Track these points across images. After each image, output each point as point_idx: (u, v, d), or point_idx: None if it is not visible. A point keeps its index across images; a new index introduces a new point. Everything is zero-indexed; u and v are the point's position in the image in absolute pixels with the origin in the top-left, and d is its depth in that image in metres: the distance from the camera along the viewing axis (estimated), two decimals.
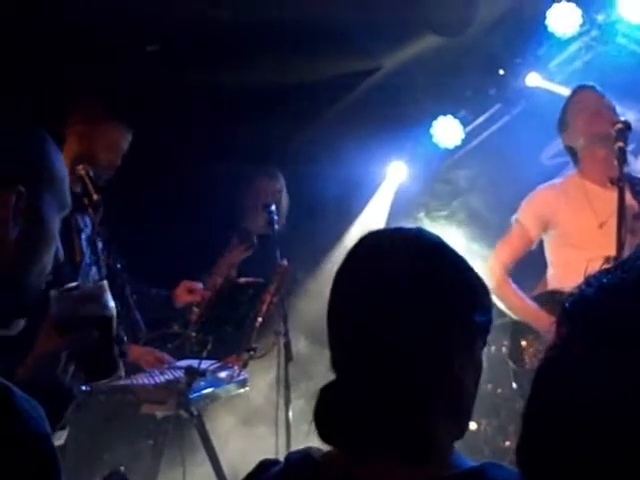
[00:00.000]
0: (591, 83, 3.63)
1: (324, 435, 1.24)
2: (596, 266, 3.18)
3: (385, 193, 5.38)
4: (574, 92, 3.57)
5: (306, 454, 1.27)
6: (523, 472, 0.67)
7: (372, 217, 5.21)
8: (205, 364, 3.43)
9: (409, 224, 1.39)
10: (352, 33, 4.56)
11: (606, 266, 0.69)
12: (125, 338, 3.08)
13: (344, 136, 4.94)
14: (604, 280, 0.66)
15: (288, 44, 4.64)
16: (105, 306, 1.54)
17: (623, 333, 0.62)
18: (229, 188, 4.61)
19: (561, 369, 0.65)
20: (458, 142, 5.32)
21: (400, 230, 1.34)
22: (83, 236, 3.35)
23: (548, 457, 0.64)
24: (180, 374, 3.35)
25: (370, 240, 1.32)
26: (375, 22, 4.55)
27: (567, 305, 0.67)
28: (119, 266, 3.25)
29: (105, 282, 1.59)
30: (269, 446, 3.71)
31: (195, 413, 3.34)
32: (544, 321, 3.27)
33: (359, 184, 5.23)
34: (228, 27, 4.42)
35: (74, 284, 1.59)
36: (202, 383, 3.41)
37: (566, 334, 0.66)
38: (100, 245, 3.30)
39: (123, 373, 2.64)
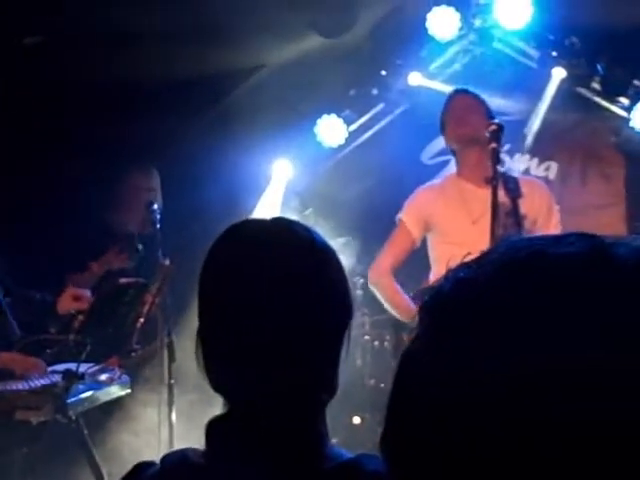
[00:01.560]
0: (465, 87, 3.72)
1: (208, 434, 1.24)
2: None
3: (273, 192, 5.39)
4: (449, 96, 3.66)
5: (182, 455, 1.26)
6: (388, 463, 0.67)
7: (262, 216, 5.20)
8: (84, 367, 3.34)
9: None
10: (235, 30, 4.54)
11: (465, 260, 0.70)
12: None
13: (228, 134, 4.92)
14: (461, 274, 0.67)
15: (170, 40, 4.58)
16: None
17: (476, 328, 0.62)
18: (107, 187, 4.51)
19: (418, 361, 0.65)
20: (342, 141, 5.38)
21: (265, 221, 1.34)
22: None
23: (410, 447, 0.64)
24: (57, 378, 3.24)
25: (238, 231, 1.32)
26: (258, 20, 4.55)
27: (426, 299, 0.67)
28: None
29: None
30: (152, 448, 3.66)
31: (73, 417, 3.25)
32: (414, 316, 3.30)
33: (245, 183, 5.21)
34: (110, 23, 4.32)
35: None
36: (81, 386, 3.32)
37: (424, 328, 0.66)
38: None
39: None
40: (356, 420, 4.19)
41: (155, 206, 4.12)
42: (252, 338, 1.21)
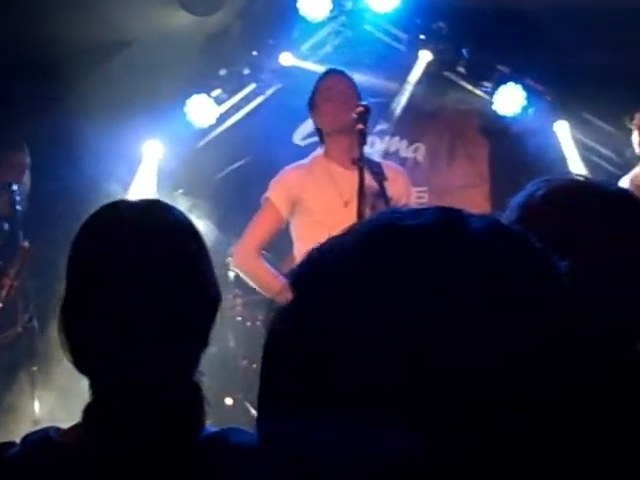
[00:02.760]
0: (341, 68, 3.72)
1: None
2: None
3: (144, 172, 5.27)
4: (324, 75, 3.63)
5: (43, 434, 1.24)
6: (261, 434, 0.67)
7: (133, 196, 5.07)
8: None
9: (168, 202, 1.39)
10: (100, 3, 4.39)
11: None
12: None
13: (95, 112, 4.75)
14: (324, 248, 0.68)
15: (33, 12, 4.38)
16: None
17: (340, 292, 0.63)
18: None
19: (288, 329, 0.66)
20: (212, 121, 5.32)
21: (138, 203, 1.34)
22: None
23: (281, 412, 0.65)
24: None
25: (109, 213, 1.32)
26: None
27: (296, 268, 0.68)
28: None
29: None
30: (17, 435, 3.51)
31: None
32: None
33: (114, 163, 5.06)
34: None
35: None
36: None
37: (294, 297, 0.67)
38: None
39: None
40: (228, 401, 4.18)
41: (15, 187, 3.93)
42: (118, 319, 1.21)
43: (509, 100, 5.25)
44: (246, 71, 5.41)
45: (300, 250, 3.53)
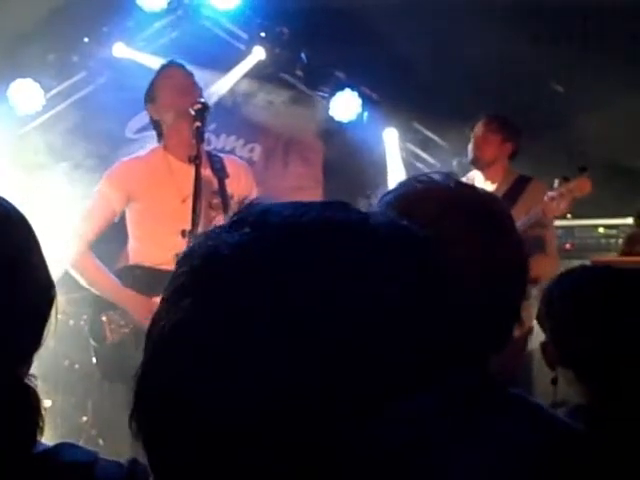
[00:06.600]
0: (181, 61, 3.63)
1: None
2: (177, 240, 3.07)
3: None
4: (165, 66, 3.52)
5: None
6: (142, 442, 0.64)
7: None
8: None
9: None
10: None
11: (219, 225, 0.67)
12: None
13: None
14: (227, 239, 0.65)
15: None
16: None
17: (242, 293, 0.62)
18: None
19: (186, 337, 0.62)
20: (39, 108, 5.06)
21: None
22: None
23: (165, 427, 0.62)
24: None
25: None
26: None
27: (193, 263, 0.64)
28: None
29: None
30: None
31: None
32: (124, 296, 3.27)
33: None
34: None
35: None
36: None
37: (191, 293, 0.63)
38: None
39: None
40: (47, 403, 3.96)
41: None
42: None
43: (345, 106, 5.36)
44: (75, 58, 5.18)
45: (134, 245, 3.42)
